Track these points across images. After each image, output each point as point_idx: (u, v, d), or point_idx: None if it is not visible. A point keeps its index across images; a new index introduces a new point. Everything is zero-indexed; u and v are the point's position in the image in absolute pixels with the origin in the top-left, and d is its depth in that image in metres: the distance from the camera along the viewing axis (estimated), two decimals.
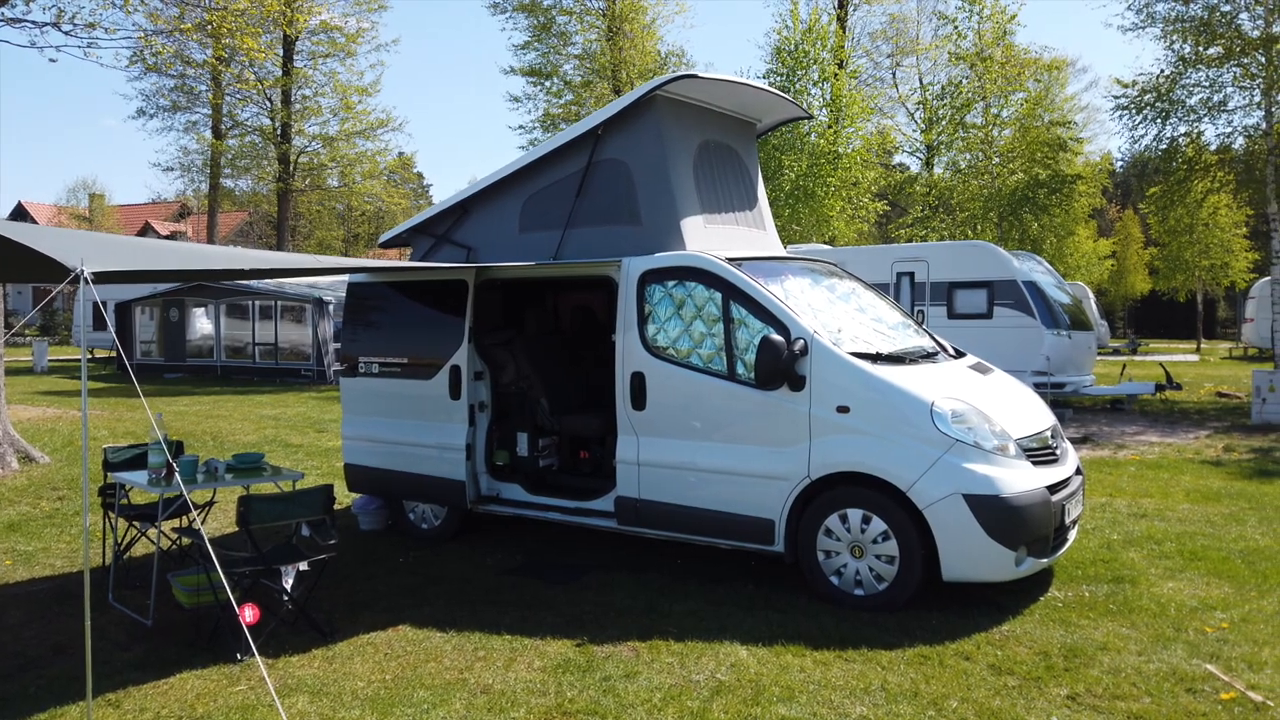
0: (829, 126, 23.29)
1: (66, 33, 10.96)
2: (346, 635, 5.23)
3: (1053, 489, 5.50)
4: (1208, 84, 17.24)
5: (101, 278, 4.00)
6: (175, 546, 6.54)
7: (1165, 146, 18.11)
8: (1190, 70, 17.14)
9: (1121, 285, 46.81)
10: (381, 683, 4.59)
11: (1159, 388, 16.44)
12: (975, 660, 4.74)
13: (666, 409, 6.13)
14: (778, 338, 5.54)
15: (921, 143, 27.65)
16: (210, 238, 33.12)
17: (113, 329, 11.19)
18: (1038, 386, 12.22)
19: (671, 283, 6.15)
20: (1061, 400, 15.03)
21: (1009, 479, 5.28)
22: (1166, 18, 17.22)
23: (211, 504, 7.29)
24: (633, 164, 6.54)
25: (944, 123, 25.69)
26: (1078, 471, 6.10)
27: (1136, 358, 29.81)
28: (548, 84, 28.78)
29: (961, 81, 25.25)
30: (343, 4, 30.21)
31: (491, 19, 62.43)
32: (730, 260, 6.08)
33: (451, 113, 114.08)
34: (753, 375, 5.69)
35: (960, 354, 6.65)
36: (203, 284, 22.36)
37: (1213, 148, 18.27)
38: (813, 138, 22.91)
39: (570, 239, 6.76)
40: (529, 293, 8.02)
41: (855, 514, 5.50)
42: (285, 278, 21.07)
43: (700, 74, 6.54)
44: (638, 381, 6.20)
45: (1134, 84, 17.78)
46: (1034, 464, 5.50)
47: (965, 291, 15.56)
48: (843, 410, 5.49)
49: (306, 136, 31.65)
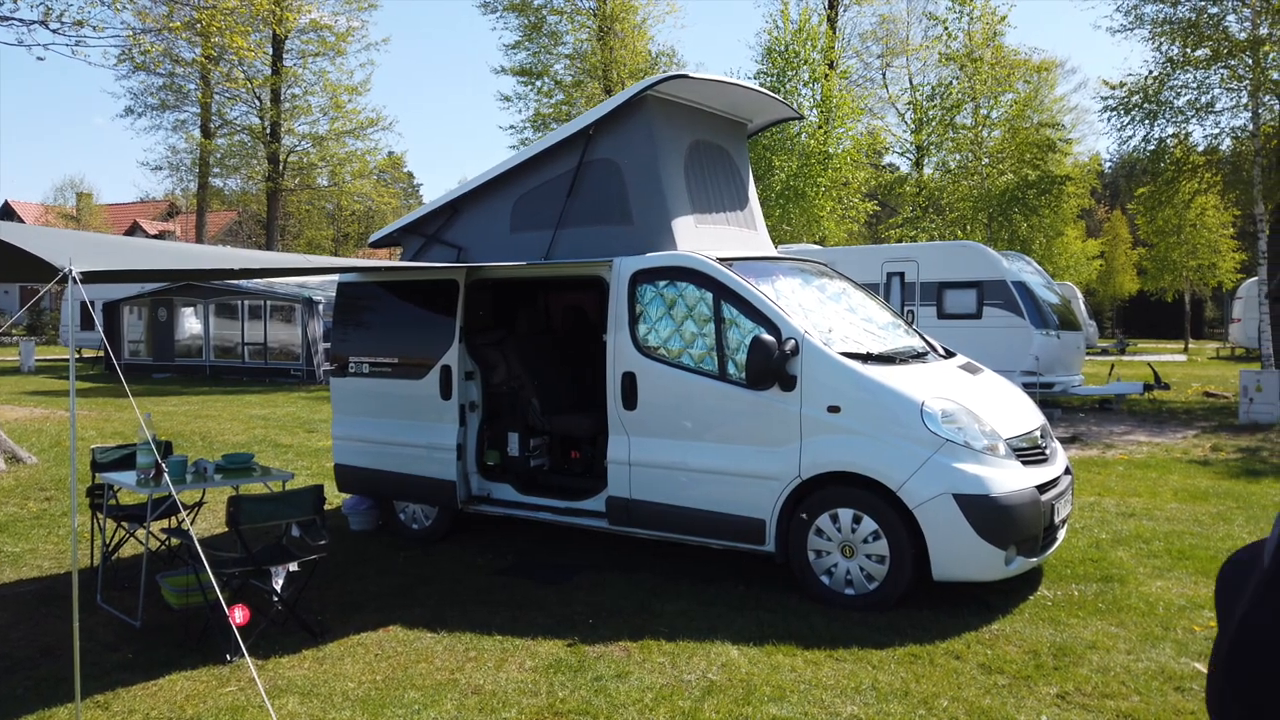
0: (819, 127, 23.35)
1: (54, 30, 10.90)
2: (337, 636, 5.22)
3: (1042, 488, 5.52)
4: (1195, 85, 17.35)
5: (89, 277, 3.98)
6: (164, 547, 6.50)
7: (1153, 147, 18.21)
8: (1178, 72, 17.24)
9: (1110, 285, 47.03)
10: (372, 683, 4.58)
11: (1147, 387, 16.52)
12: (965, 659, 4.75)
13: (658, 409, 6.14)
14: (769, 338, 5.55)
15: (911, 143, 27.76)
16: (199, 237, 32.99)
17: (101, 329, 11.16)
18: (1027, 386, 12.28)
19: (663, 283, 6.16)
20: (1050, 400, 15.09)
21: (999, 479, 5.30)
22: (1155, 19, 17.32)
23: (201, 505, 7.25)
24: (624, 164, 6.54)
25: (934, 123, 25.76)
26: (1066, 471, 6.13)
27: (1125, 358, 29.97)
28: (539, 84, 28.76)
29: (951, 82, 25.32)
30: (332, 3, 30.15)
31: (482, 18, 62.30)
32: (721, 260, 6.09)
33: (442, 112, 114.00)
34: (744, 375, 5.70)
35: (950, 354, 6.67)
36: (191, 284, 22.27)
37: (1200, 149, 18.39)
38: (803, 138, 22.96)
39: (561, 239, 6.75)
40: (520, 292, 8.01)
41: (846, 514, 5.51)
42: (275, 277, 21.00)
43: (691, 74, 6.54)
44: (629, 381, 6.20)
45: (1122, 85, 17.88)
46: (1023, 463, 5.53)
47: (955, 291, 15.61)
48: (833, 410, 5.50)
49: (296, 135, 31.54)
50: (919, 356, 6.24)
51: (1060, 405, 15.72)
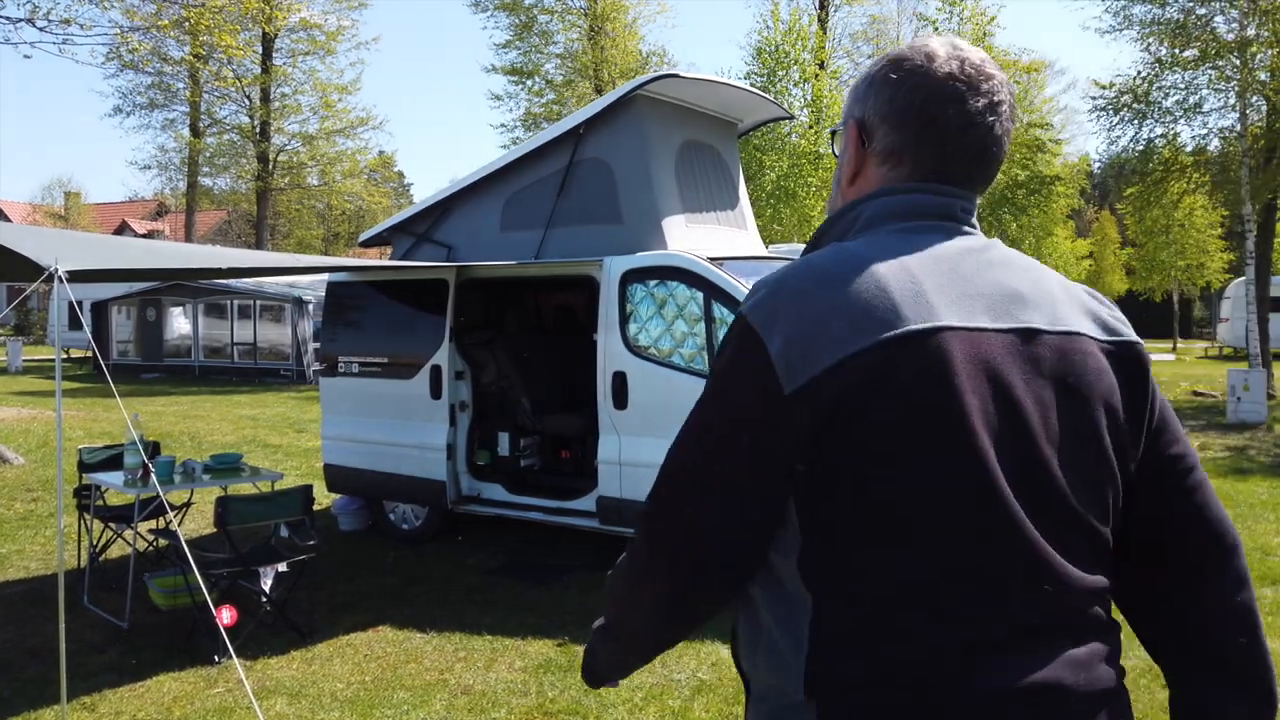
0: (810, 127, 23.37)
1: (41, 29, 10.84)
2: (326, 636, 5.20)
3: None
4: (1184, 86, 17.42)
5: (77, 276, 3.96)
6: (152, 548, 6.47)
7: (1142, 148, 18.27)
8: (1166, 72, 17.30)
9: (1099, 285, 47.19)
10: (361, 684, 4.56)
11: None
12: None
13: (648, 408, 6.13)
14: None
15: None
16: (188, 236, 32.82)
17: (88, 328, 11.08)
18: None
19: (653, 282, 6.15)
20: None
21: None
22: (1143, 20, 17.38)
23: (189, 505, 7.22)
24: (614, 163, 6.53)
25: None
26: None
27: None
28: (529, 83, 28.70)
29: None
30: (322, 2, 29.98)
31: (473, 17, 62.28)
32: (712, 260, 6.09)
33: (432, 111, 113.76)
34: None
35: None
36: (180, 283, 22.16)
37: (1188, 149, 18.46)
38: (794, 138, 22.98)
39: (552, 238, 6.74)
40: (510, 292, 8.00)
41: None
42: (264, 277, 20.93)
43: (682, 74, 6.54)
44: (619, 381, 6.20)
45: (1111, 86, 17.94)
46: None
47: None
48: None
49: (286, 135, 31.39)
50: None
51: None
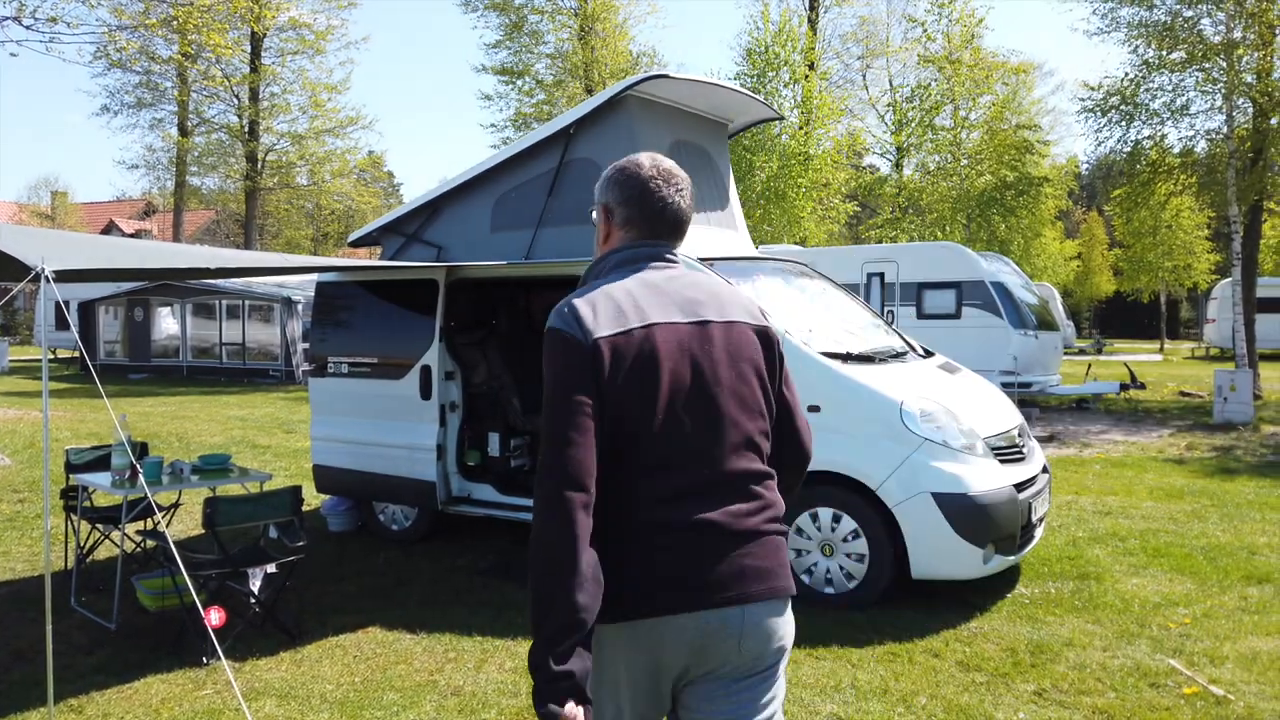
0: (800, 128, 23.40)
1: (28, 27, 10.78)
2: (315, 638, 5.18)
3: (1020, 487, 5.56)
4: (1171, 88, 17.52)
5: (64, 276, 3.93)
6: (139, 549, 6.44)
7: (1129, 149, 18.37)
8: (1154, 74, 17.41)
9: (1087, 286, 47.47)
10: (350, 685, 4.55)
11: (1123, 387, 16.69)
12: (944, 657, 4.78)
13: None
14: None
15: (891, 144, 27.83)
16: (176, 236, 32.66)
17: (75, 328, 11.03)
18: (1005, 386, 12.36)
19: None
20: (1028, 399, 15.21)
21: (977, 477, 5.33)
22: (1131, 22, 17.47)
23: (177, 506, 7.18)
24: (605, 163, 6.49)
25: (913, 125, 25.89)
26: (1044, 470, 6.17)
27: (1101, 357, 30.25)
28: (519, 83, 28.66)
29: (930, 84, 25.48)
30: (311, 1, 29.92)
31: (462, 17, 61.94)
32: (702, 260, 6.08)
33: (422, 111, 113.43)
34: None
35: (929, 353, 6.71)
36: (168, 283, 22.04)
37: (1175, 151, 18.57)
38: (784, 139, 23.01)
39: (542, 238, 6.73)
40: (501, 292, 7.99)
41: (825, 512, 5.53)
42: (253, 277, 20.83)
43: (672, 74, 6.54)
44: None
45: (1099, 87, 18.04)
46: (1001, 462, 5.56)
47: (934, 292, 15.71)
48: (813, 409, 5.51)
49: (275, 134, 31.27)
50: (898, 356, 6.27)
51: (1038, 404, 15.84)
